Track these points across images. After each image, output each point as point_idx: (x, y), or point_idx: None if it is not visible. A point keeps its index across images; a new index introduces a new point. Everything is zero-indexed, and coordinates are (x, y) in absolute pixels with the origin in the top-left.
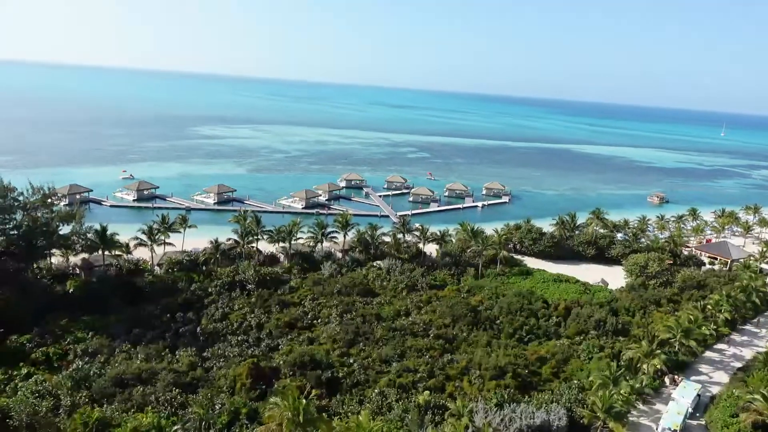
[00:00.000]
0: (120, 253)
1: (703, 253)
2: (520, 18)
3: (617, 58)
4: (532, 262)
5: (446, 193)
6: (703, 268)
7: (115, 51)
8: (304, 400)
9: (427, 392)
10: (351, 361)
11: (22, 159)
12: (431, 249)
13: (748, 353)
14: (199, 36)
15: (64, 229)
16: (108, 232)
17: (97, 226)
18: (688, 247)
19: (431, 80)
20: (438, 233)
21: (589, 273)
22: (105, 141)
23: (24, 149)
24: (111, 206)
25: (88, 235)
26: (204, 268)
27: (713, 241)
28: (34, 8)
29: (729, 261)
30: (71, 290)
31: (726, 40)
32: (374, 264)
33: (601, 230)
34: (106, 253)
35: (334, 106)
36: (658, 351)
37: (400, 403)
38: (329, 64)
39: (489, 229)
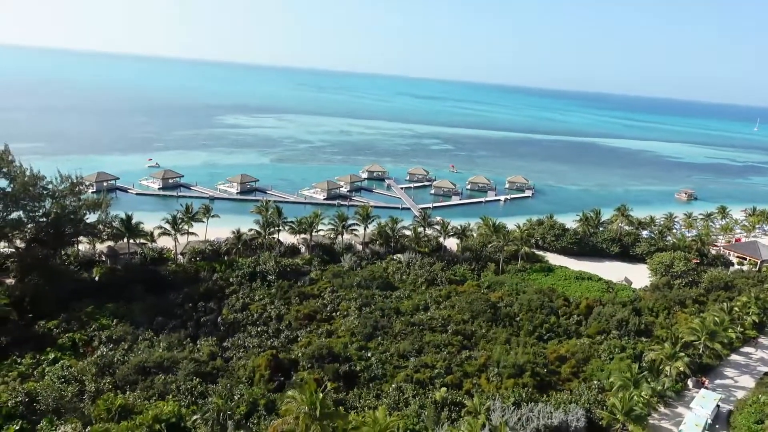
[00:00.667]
0: (145, 241)
1: (731, 253)
2: (551, 10)
3: (648, 51)
4: (554, 259)
5: (468, 187)
6: (732, 269)
7: (141, 39)
8: (320, 395)
9: (444, 389)
10: (369, 354)
11: (52, 146)
12: (452, 243)
13: None
14: (226, 25)
15: (91, 218)
16: (133, 221)
17: (123, 215)
18: (716, 246)
19: (460, 71)
20: (459, 227)
21: (612, 271)
22: (132, 129)
23: (53, 137)
24: (137, 194)
25: (114, 224)
26: (226, 258)
27: (743, 240)
28: None
29: (759, 262)
30: (97, 277)
31: (760, 32)
32: (394, 257)
33: (626, 227)
34: (131, 241)
35: (360, 96)
36: (682, 354)
37: (417, 398)
38: (356, 54)
39: (511, 224)
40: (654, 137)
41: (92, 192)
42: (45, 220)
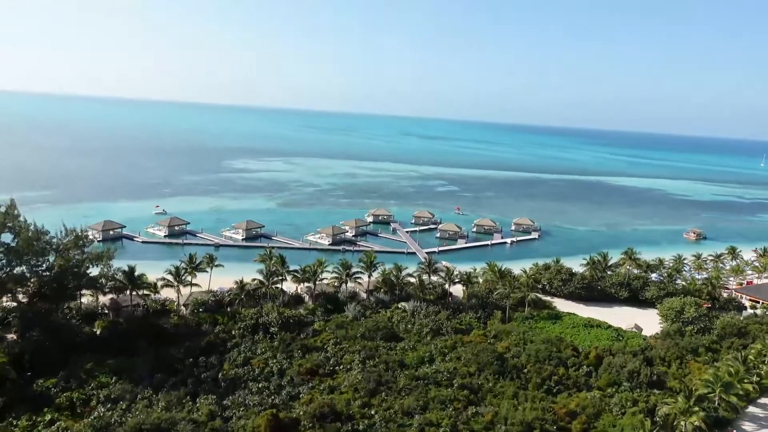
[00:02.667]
0: (148, 292)
1: (744, 296)
2: (553, 48)
3: (653, 86)
4: (561, 304)
5: (474, 229)
6: (744, 313)
7: (153, 83)
8: None
9: None
10: (372, 412)
11: (61, 194)
12: (458, 290)
13: None
14: (240, 69)
15: (94, 271)
16: (137, 271)
17: (126, 267)
18: (727, 289)
19: (466, 110)
20: (464, 274)
21: (621, 317)
22: (141, 174)
23: (62, 183)
24: (143, 242)
25: (117, 276)
26: (229, 309)
27: (755, 282)
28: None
29: None
30: (99, 331)
31: (762, 66)
32: (399, 305)
33: (635, 270)
34: (134, 293)
35: (367, 137)
36: (696, 408)
37: None
38: (365, 94)
39: (517, 268)
40: (660, 174)
41: (98, 241)
42: (48, 274)
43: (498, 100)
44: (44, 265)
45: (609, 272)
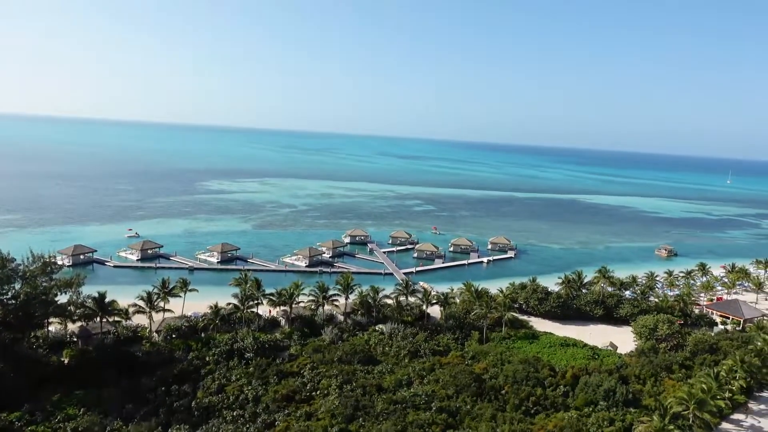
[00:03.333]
0: (119, 319)
1: (714, 312)
2: (528, 67)
3: (623, 106)
4: (538, 323)
5: (451, 249)
6: (716, 329)
7: (126, 104)
8: None
9: None
10: None
11: (30, 217)
12: (435, 310)
13: (767, 424)
14: (207, 89)
15: (62, 298)
16: (108, 297)
17: (97, 292)
18: (698, 305)
19: (441, 130)
20: (441, 295)
21: (597, 335)
22: (113, 197)
23: (32, 206)
24: (114, 266)
25: (87, 303)
26: (203, 334)
27: (724, 298)
28: (32, 62)
29: (741, 321)
30: (67, 361)
31: (727, 85)
32: (376, 328)
33: (609, 288)
34: (105, 320)
35: (343, 157)
36: (671, 426)
37: None
38: (339, 115)
39: (494, 288)
40: (631, 192)
41: (68, 266)
42: (14, 302)
43: (478, 121)
44: (9, 293)
45: (584, 290)
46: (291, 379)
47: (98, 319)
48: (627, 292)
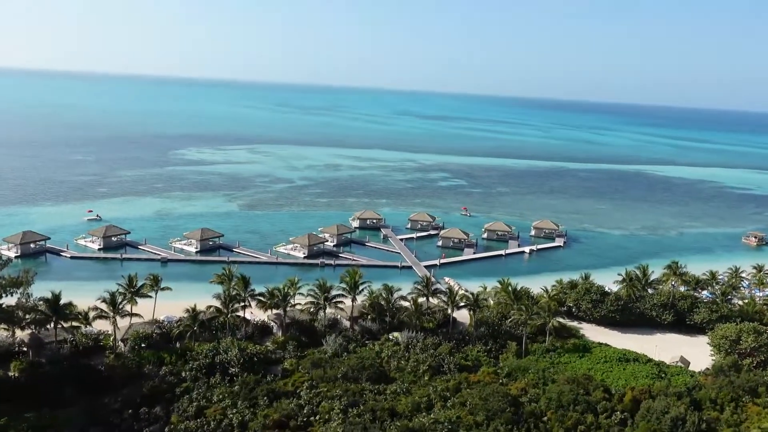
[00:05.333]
0: (77, 324)
1: None
2: (586, 13)
3: (703, 54)
4: (591, 332)
5: (485, 236)
6: None
7: (106, 55)
8: None
9: None
10: None
11: None
12: (463, 315)
13: None
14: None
15: (9, 300)
16: (63, 298)
17: (51, 293)
18: None
19: (475, 83)
20: (471, 295)
21: (664, 347)
22: (69, 170)
23: None
24: (72, 258)
25: (38, 307)
26: (178, 344)
27: None
28: None
29: None
30: (15, 375)
31: None
32: (390, 336)
33: (681, 288)
34: (60, 325)
35: (353, 117)
36: None
37: None
38: (351, 65)
39: (537, 286)
40: (715, 162)
41: (16, 257)
42: None
43: (517, 70)
44: None
45: (650, 290)
46: (285, 401)
47: (52, 325)
48: (704, 293)
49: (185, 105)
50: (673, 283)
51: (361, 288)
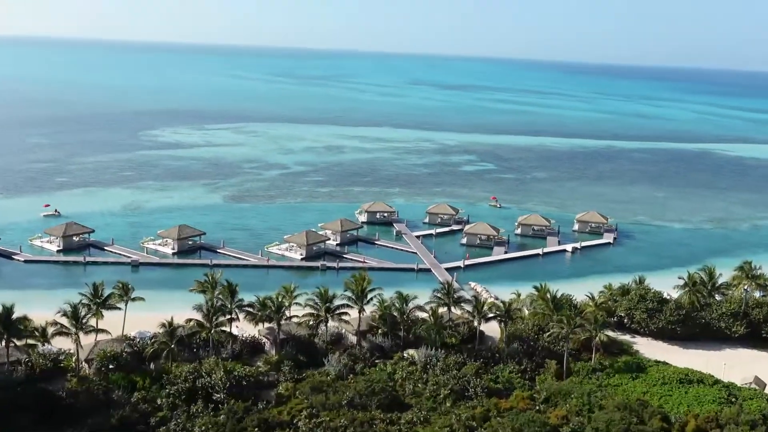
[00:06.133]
0: (33, 342)
1: None
2: None
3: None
4: (646, 347)
5: (519, 231)
6: None
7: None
8: None
9: None
10: None
11: None
12: (492, 328)
13: None
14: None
15: None
16: (16, 311)
17: (1, 305)
18: None
19: (503, 45)
20: (502, 304)
21: (735, 365)
22: (22, 156)
23: None
24: (26, 261)
25: None
26: (152, 365)
27: None
28: None
29: None
30: None
31: None
32: (405, 355)
33: (756, 294)
34: (13, 343)
35: (360, 88)
36: None
37: None
38: (355, 25)
39: (581, 292)
40: None
41: None
42: None
43: (553, 29)
44: None
45: (717, 297)
46: None
47: (3, 343)
48: None
49: (159, 75)
50: (746, 287)
51: (369, 296)
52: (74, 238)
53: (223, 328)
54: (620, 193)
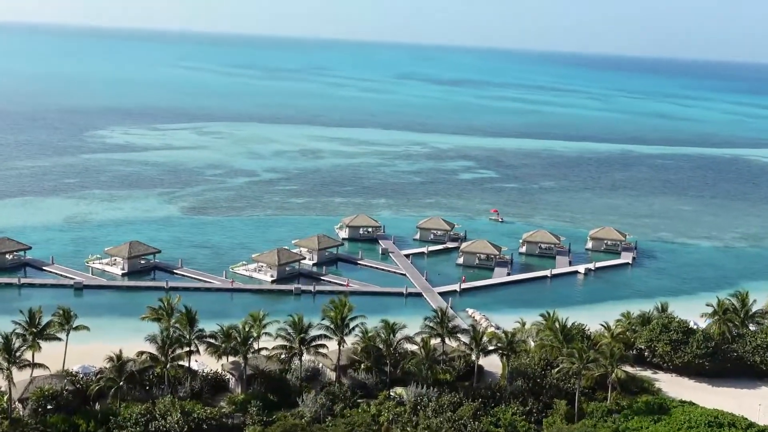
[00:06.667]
0: None
1: None
2: None
3: None
4: (670, 384)
5: (523, 249)
6: None
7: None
8: None
9: None
10: None
11: None
12: (493, 363)
13: None
14: None
15: None
16: None
17: None
18: None
19: (508, 35)
20: (504, 335)
21: None
22: None
23: None
24: None
25: None
26: (98, 405)
27: None
28: None
29: None
30: None
31: None
32: (392, 393)
33: None
34: None
35: (341, 83)
36: None
37: None
38: (334, 11)
39: (594, 321)
40: None
41: None
42: None
43: (564, 16)
44: None
45: (752, 327)
46: None
47: None
48: None
49: (107, 66)
50: None
51: (351, 325)
52: (7, 256)
53: (181, 363)
54: (640, 205)
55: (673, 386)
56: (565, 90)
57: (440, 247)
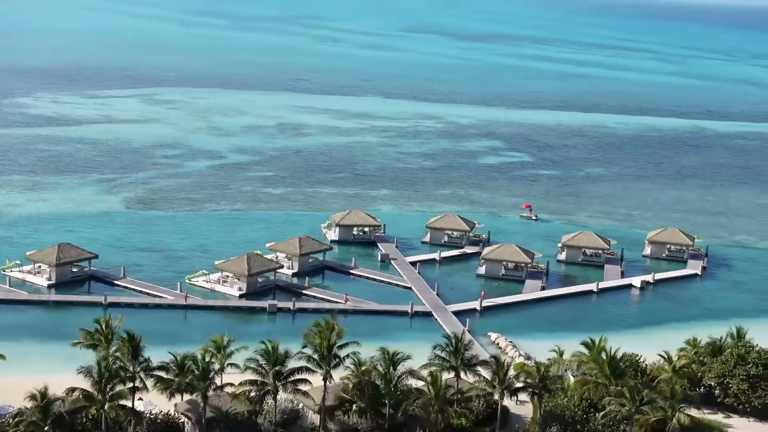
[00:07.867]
0: None
1: None
2: None
3: None
4: (747, 431)
5: (563, 256)
6: None
7: None
8: None
9: None
10: None
11: None
12: (521, 405)
13: None
14: None
15: None
16: None
17: None
18: None
19: None
20: (535, 368)
21: None
22: None
23: None
24: None
25: None
26: None
27: None
28: None
29: None
30: None
31: None
32: None
33: None
34: None
35: (335, 36)
36: None
37: None
38: None
39: (651, 351)
40: None
41: None
42: None
43: None
44: None
45: None
46: None
47: None
48: None
49: (24, 12)
50: None
51: (341, 355)
52: None
53: (123, 402)
54: (713, 200)
55: None
56: (625, 48)
57: (456, 252)
